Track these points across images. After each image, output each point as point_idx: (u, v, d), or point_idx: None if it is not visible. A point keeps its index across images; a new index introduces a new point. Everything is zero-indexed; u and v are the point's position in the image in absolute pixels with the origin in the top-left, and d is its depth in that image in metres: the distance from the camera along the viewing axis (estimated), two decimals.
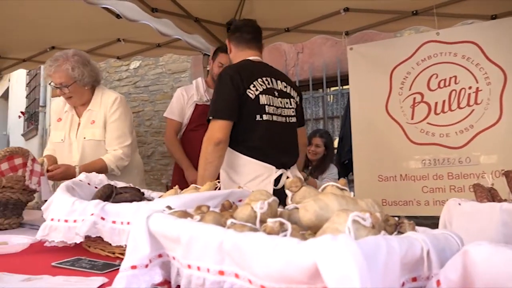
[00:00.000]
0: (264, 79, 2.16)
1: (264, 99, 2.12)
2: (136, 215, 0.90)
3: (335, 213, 0.60)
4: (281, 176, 2.13)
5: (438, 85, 3.09)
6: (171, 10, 3.04)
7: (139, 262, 0.71)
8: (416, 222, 0.71)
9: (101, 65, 5.94)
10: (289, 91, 2.27)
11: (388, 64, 3.26)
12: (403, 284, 0.56)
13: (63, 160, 2.39)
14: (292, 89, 2.30)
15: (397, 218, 0.69)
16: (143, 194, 1.33)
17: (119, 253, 1.07)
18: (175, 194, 1.19)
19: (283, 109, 2.21)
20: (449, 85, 3.06)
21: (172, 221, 0.70)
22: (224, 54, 3.00)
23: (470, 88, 3.00)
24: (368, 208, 0.67)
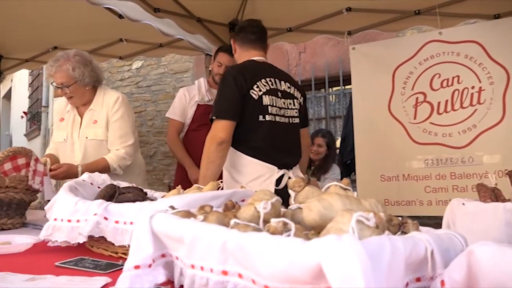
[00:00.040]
0: (268, 79, 2.17)
1: (267, 99, 2.12)
2: (139, 215, 0.90)
3: (339, 213, 0.60)
4: (282, 177, 2.14)
5: (441, 84, 3.08)
6: (173, 10, 3.04)
7: (142, 262, 0.71)
8: (419, 222, 0.70)
9: (103, 65, 5.95)
10: (292, 91, 2.27)
11: (391, 64, 3.25)
12: (407, 284, 0.56)
13: (65, 159, 2.40)
14: (296, 89, 2.30)
15: (400, 218, 0.69)
16: (146, 194, 1.33)
17: (122, 253, 1.07)
18: (178, 194, 1.19)
19: (286, 110, 2.21)
20: (452, 84, 3.05)
21: (175, 221, 0.70)
22: (223, 54, 3.00)
23: (473, 87, 2.99)
24: (372, 208, 0.67)
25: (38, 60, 4.33)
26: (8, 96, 11.00)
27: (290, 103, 2.24)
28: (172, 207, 0.79)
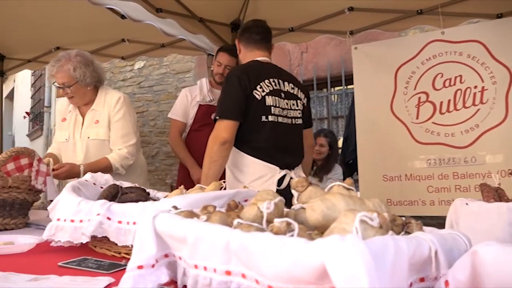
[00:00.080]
0: (271, 80, 2.17)
1: (270, 100, 2.13)
2: (142, 215, 0.90)
3: (342, 213, 0.60)
4: (284, 177, 2.14)
5: (443, 84, 3.08)
6: (176, 10, 3.04)
7: (145, 262, 0.71)
8: (422, 222, 0.70)
9: (105, 65, 5.96)
10: (296, 92, 2.28)
11: (393, 64, 3.25)
12: (411, 284, 0.56)
13: (67, 159, 2.41)
14: (299, 90, 2.30)
15: (404, 218, 0.69)
16: (148, 194, 1.33)
17: (125, 253, 1.07)
18: (180, 194, 1.19)
19: (289, 111, 2.21)
20: (454, 84, 3.04)
21: (178, 221, 0.70)
22: (222, 54, 3.01)
23: (476, 87, 2.98)
24: (375, 208, 0.67)
25: (40, 60, 4.34)
26: (10, 96, 11.03)
27: (293, 104, 2.25)
28: (175, 207, 0.79)
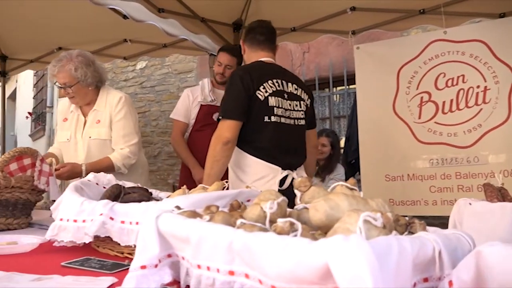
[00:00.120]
0: (275, 81, 2.18)
1: (273, 101, 2.13)
2: (146, 215, 0.90)
3: (345, 213, 0.60)
4: (286, 177, 2.15)
5: (446, 84, 3.07)
6: (178, 10, 3.05)
7: (148, 262, 0.71)
8: (425, 222, 0.70)
9: (107, 65, 5.96)
10: (299, 93, 2.28)
11: (395, 63, 3.24)
12: (414, 284, 0.56)
13: (69, 159, 2.41)
14: (303, 91, 2.31)
15: (407, 218, 0.69)
16: (151, 194, 1.33)
17: (127, 253, 1.07)
18: (183, 194, 1.19)
19: (291, 112, 2.22)
20: (457, 84, 3.04)
21: (181, 221, 0.70)
22: (223, 53, 3.02)
23: (478, 87, 2.97)
24: (379, 208, 0.66)
25: (42, 60, 4.35)
26: (13, 96, 11.06)
27: (297, 105, 2.25)
28: (178, 207, 0.79)
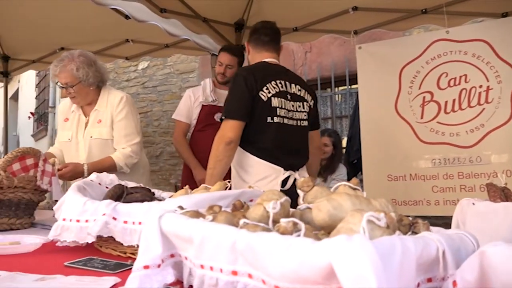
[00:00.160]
0: (278, 82, 2.18)
1: (276, 101, 2.14)
2: (148, 215, 0.90)
3: (349, 213, 0.60)
4: (288, 178, 2.15)
5: (448, 83, 3.06)
6: (180, 11, 3.05)
7: (151, 262, 0.71)
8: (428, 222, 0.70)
9: (109, 65, 5.97)
10: (303, 94, 2.28)
11: (397, 63, 3.24)
12: (418, 284, 0.56)
13: (70, 159, 2.42)
14: (306, 92, 2.31)
15: (411, 218, 0.69)
16: (153, 194, 1.33)
17: (130, 253, 1.07)
18: (185, 194, 1.19)
19: (294, 113, 2.22)
20: (459, 83, 3.03)
21: (184, 221, 0.70)
22: (223, 53, 3.02)
23: (481, 86, 2.97)
24: (382, 208, 0.66)
25: (45, 61, 4.36)
26: (15, 97, 11.08)
27: (300, 106, 2.25)
28: (181, 207, 0.79)
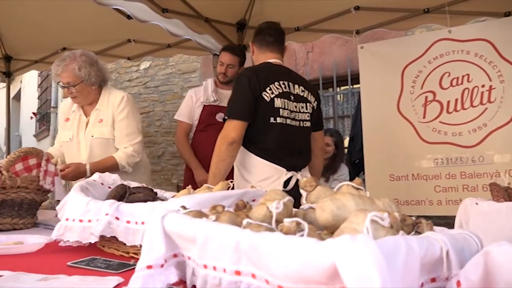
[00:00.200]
0: (281, 82, 2.19)
1: (279, 102, 2.15)
2: (151, 215, 0.90)
3: (352, 213, 0.59)
4: (291, 179, 2.15)
5: (451, 83, 3.06)
6: (181, 11, 3.05)
7: (154, 262, 0.71)
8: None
9: (111, 66, 5.98)
10: (306, 95, 2.29)
11: (399, 63, 3.24)
12: (422, 284, 0.55)
13: (71, 158, 2.42)
14: (310, 93, 2.31)
15: (414, 218, 0.68)
16: (156, 194, 1.33)
17: (133, 253, 1.07)
18: (188, 194, 1.19)
19: (297, 113, 2.23)
20: (461, 83, 3.03)
21: (187, 221, 0.70)
22: (224, 53, 3.03)
23: (483, 86, 2.96)
24: (385, 208, 0.66)
25: (47, 61, 4.36)
26: (17, 97, 11.11)
27: (303, 107, 2.26)
28: (184, 207, 0.79)
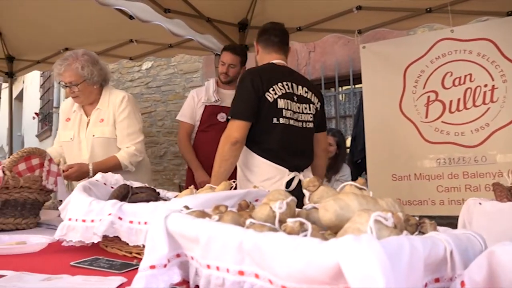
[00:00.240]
0: (285, 83, 2.19)
1: (282, 103, 2.15)
2: (154, 215, 0.90)
3: (356, 213, 0.59)
4: (293, 179, 2.16)
5: (453, 83, 3.05)
6: (183, 11, 3.05)
7: (157, 262, 0.71)
8: None
9: (113, 66, 5.99)
10: (309, 96, 2.29)
11: (402, 63, 3.23)
12: (426, 285, 0.55)
13: (72, 158, 2.42)
14: (313, 94, 2.31)
15: (417, 218, 0.68)
16: (158, 194, 1.33)
17: (136, 253, 1.07)
18: (191, 194, 1.19)
19: (300, 114, 2.23)
20: (464, 83, 3.02)
21: (190, 221, 0.70)
22: (226, 53, 3.03)
23: (486, 86, 2.95)
24: (389, 208, 0.66)
25: (49, 61, 4.37)
26: (20, 97, 11.13)
27: (306, 108, 2.26)
28: (187, 207, 0.79)
